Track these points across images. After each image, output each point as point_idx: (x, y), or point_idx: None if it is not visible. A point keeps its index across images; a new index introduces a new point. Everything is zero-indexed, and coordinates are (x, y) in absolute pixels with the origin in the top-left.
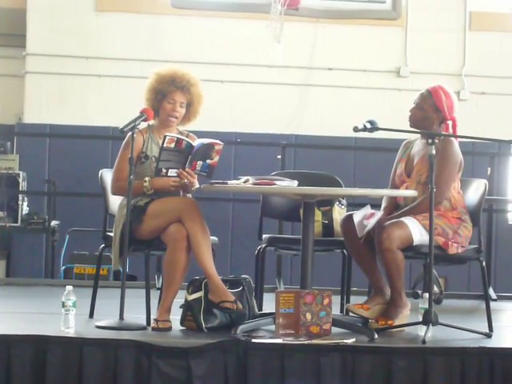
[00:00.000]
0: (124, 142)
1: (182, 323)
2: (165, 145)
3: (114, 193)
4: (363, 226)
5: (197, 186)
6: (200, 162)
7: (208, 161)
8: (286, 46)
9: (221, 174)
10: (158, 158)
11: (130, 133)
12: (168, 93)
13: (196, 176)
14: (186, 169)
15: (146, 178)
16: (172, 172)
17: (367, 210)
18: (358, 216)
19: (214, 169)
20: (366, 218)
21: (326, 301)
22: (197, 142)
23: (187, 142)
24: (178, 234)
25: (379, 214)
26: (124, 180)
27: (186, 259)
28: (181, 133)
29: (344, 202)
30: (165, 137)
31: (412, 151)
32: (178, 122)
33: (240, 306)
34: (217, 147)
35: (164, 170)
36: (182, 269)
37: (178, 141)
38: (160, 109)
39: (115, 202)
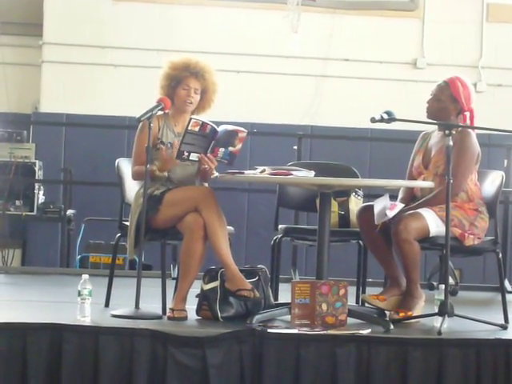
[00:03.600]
0: (139, 127)
1: (197, 313)
2: (189, 127)
3: (135, 178)
4: (383, 215)
5: (215, 173)
6: (222, 149)
7: (230, 148)
8: (303, 36)
9: (237, 164)
10: (181, 140)
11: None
12: (182, 79)
13: (216, 163)
14: (208, 154)
15: (155, 163)
16: (193, 156)
17: (387, 198)
18: (379, 204)
19: (235, 156)
20: (389, 208)
21: (341, 291)
22: (221, 128)
23: (212, 126)
24: (194, 223)
25: (401, 205)
26: (143, 165)
27: (202, 249)
28: None
29: (360, 192)
30: (190, 119)
31: (429, 143)
32: (192, 108)
33: (257, 294)
34: (240, 135)
35: (186, 154)
36: (198, 258)
37: (203, 125)
38: (175, 95)
39: (131, 191)
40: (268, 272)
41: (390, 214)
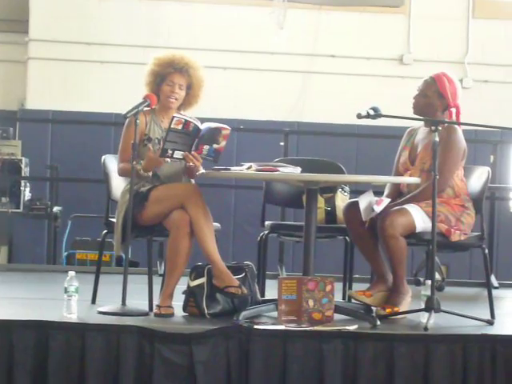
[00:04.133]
0: (126, 124)
1: (184, 309)
2: (172, 126)
3: (120, 174)
4: (370, 211)
5: (201, 170)
6: (206, 147)
7: (214, 145)
8: (289, 32)
9: (223, 161)
10: (164, 138)
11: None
12: (167, 75)
13: (201, 160)
14: (192, 152)
15: (141, 162)
16: (178, 154)
17: (371, 194)
18: (364, 200)
19: (220, 153)
20: (375, 204)
21: (328, 287)
22: (204, 126)
23: (195, 124)
24: (180, 220)
25: (387, 200)
26: (129, 161)
27: (188, 245)
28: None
29: (347, 188)
30: (173, 117)
31: (416, 139)
32: (177, 104)
33: (245, 290)
34: (224, 132)
35: (170, 152)
36: (184, 255)
37: (186, 123)
38: (160, 92)
39: (118, 187)
40: (255, 268)
41: (378, 209)
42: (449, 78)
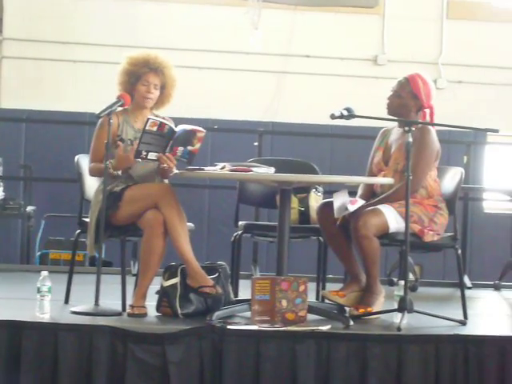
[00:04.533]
0: (98, 123)
1: (157, 309)
2: (147, 127)
3: (91, 174)
4: (344, 209)
5: (175, 171)
6: (181, 148)
7: (189, 147)
8: (264, 32)
9: (198, 161)
10: (139, 139)
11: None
12: (141, 75)
13: (175, 161)
14: (167, 153)
15: (111, 161)
16: (152, 155)
17: (346, 193)
18: (338, 199)
19: (194, 155)
20: (350, 203)
21: (301, 287)
22: (179, 128)
23: (169, 126)
24: (154, 219)
25: (362, 201)
26: (100, 161)
27: (162, 245)
28: (157, 116)
29: (320, 189)
30: (148, 119)
31: (389, 139)
32: (152, 104)
33: (219, 290)
34: (199, 134)
35: (144, 153)
36: (158, 255)
37: (161, 124)
38: (134, 91)
39: (91, 187)
40: (228, 268)
41: (351, 208)
42: (423, 79)
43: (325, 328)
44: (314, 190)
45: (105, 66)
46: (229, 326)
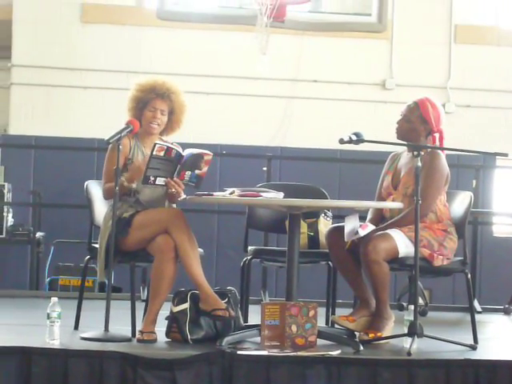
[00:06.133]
0: (109, 147)
1: (167, 335)
2: (154, 153)
3: (106, 195)
4: (354, 233)
5: (183, 196)
6: (188, 172)
7: (197, 171)
8: (272, 58)
9: (206, 186)
10: (146, 165)
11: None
12: (149, 100)
13: (183, 186)
14: (174, 178)
15: (124, 174)
16: (160, 180)
17: (357, 218)
18: (350, 223)
19: (202, 179)
20: (361, 227)
21: (311, 313)
22: (186, 152)
23: (177, 151)
24: (165, 245)
25: (372, 226)
26: (113, 181)
27: (173, 270)
28: (164, 142)
29: (330, 213)
30: (155, 144)
31: (399, 164)
32: (159, 130)
33: (232, 312)
34: (206, 158)
35: (152, 178)
36: (169, 280)
37: (168, 149)
38: (142, 117)
39: (100, 213)
40: (238, 294)
41: (362, 232)
42: (432, 103)
43: (335, 353)
44: (323, 214)
45: (113, 92)
46: (239, 352)
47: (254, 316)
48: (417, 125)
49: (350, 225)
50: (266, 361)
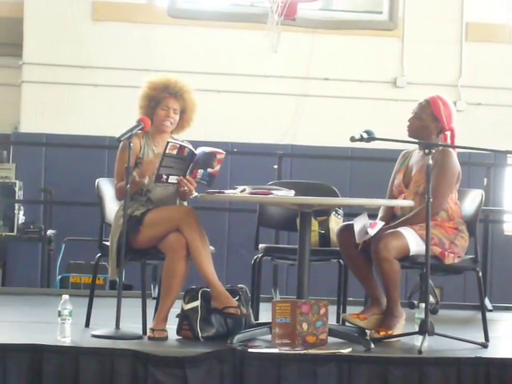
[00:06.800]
0: (120, 146)
1: (178, 332)
2: (167, 151)
3: (118, 195)
4: (365, 233)
5: (195, 194)
6: (201, 171)
7: (209, 169)
8: (283, 56)
9: (217, 184)
10: (159, 163)
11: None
12: (161, 99)
13: (196, 184)
14: (187, 176)
15: (136, 170)
16: (172, 179)
17: (366, 217)
18: (359, 223)
19: (214, 177)
20: (369, 227)
21: (322, 310)
22: (199, 151)
23: (189, 149)
24: (177, 242)
25: (381, 223)
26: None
27: (184, 268)
28: (176, 140)
29: (341, 211)
30: (167, 143)
31: (410, 162)
32: (172, 128)
33: (244, 310)
34: (218, 156)
35: (165, 177)
36: (180, 278)
37: (181, 148)
38: (154, 116)
39: (111, 211)
40: (248, 291)
41: (372, 232)
42: (444, 101)
43: (346, 351)
44: (334, 212)
45: (124, 89)
46: (250, 349)
47: (265, 314)
48: (428, 123)
49: (360, 225)
50: (277, 359)
